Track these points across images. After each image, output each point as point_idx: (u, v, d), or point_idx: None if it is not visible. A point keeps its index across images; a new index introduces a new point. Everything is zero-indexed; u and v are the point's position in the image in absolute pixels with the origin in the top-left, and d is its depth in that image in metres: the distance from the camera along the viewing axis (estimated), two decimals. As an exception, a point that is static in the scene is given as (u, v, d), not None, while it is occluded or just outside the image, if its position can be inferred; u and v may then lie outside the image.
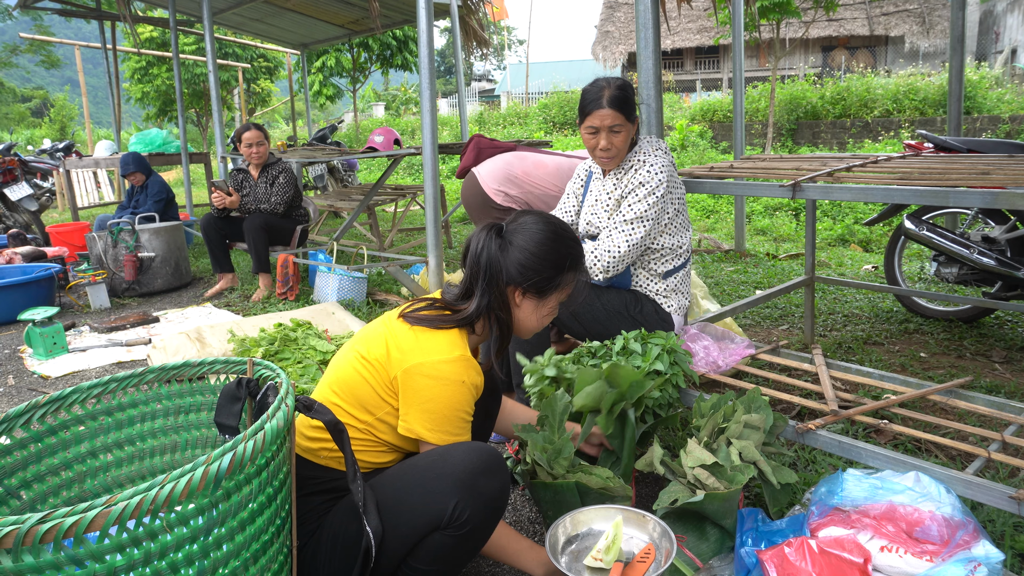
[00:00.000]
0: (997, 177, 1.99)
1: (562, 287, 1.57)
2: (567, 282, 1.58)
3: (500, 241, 1.52)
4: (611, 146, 2.22)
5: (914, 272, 4.32)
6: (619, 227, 2.21)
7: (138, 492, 0.91)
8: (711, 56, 23.86)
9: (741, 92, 5.21)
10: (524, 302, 1.55)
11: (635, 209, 2.19)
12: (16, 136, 22.46)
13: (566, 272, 1.56)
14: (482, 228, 1.55)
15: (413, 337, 1.46)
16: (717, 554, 1.63)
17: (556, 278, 1.55)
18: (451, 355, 1.43)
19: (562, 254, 1.55)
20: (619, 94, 2.19)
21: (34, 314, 3.67)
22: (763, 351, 2.49)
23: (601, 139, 2.22)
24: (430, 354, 1.42)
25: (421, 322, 1.48)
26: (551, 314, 1.62)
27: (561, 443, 1.80)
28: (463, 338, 1.50)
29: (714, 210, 7.96)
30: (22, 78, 31.74)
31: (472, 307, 1.50)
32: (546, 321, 1.62)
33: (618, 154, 2.25)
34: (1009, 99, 11.21)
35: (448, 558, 1.34)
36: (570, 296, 1.63)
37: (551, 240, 1.53)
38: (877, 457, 1.72)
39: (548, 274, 1.53)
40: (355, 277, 4.36)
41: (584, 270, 1.63)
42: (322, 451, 1.46)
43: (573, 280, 1.60)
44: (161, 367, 1.45)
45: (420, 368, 1.41)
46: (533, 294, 1.54)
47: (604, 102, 2.18)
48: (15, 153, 7.29)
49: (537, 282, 1.52)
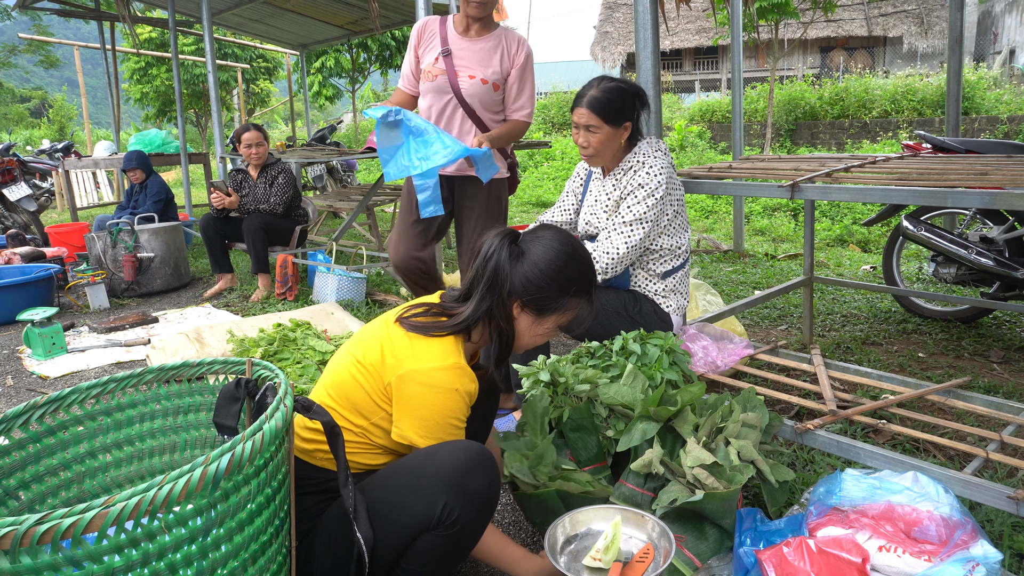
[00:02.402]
0: (995, 178, 1.99)
1: (563, 310, 1.54)
2: (570, 307, 1.55)
3: (512, 250, 1.51)
4: (588, 144, 2.23)
5: (912, 272, 4.32)
6: (618, 228, 2.21)
7: (136, 493, 0.91)
8: (710, 57, 23.87)
9: (740, 93, 5.22)
10: (521, 316, 1.53)
11: (634, 211, 2.19)
12: (15, 136, 22.43)
13: (570, 296, 1.53)
14: (498, 233, 1.54)
15: (408, 343, 1.45)
16: (716, 554, 1.63)
17: (558, 300, 1.52)
18: (445, 363, 1.42)
19: (570, 278, 1.52)
20: (601, 96, 2.19)
21: (33, 314, 3.67)
22: (762, 351, 2.49)
23: (580, 136, 2.25)
24: (424, 361, 1.41)
25: (416, 328, 1.46)
26: (547, 335, 1.59)
27: (543, 447, 1.78)
28: (458, 345, 1.48)
29: (713, 210, 7.96)
30: (21, 78, 31.68)
31: (468, 311, 1.49)
32: (540, 340, 1.59)
33: (597, 153, 2.25)
34: (1007, 100, 11.23)
35: (440, 559, 1.33)
36: (571, 321, 1.60)
37: (563, 261, 1.51)
38: (875, 457, 1.72)
39: (551, 294, 1.50)
40: (354, 277, 4.36)
41: (592, 299, 1.59)
42: (317, 452, 1.46)
43: (576, 306, 1.57)
44: (160, 367, 1.45)
45: (414, 375, 1.40)
46: (532, 310, 1.52)
47: (584, 101, 2.20)
48: (14, 153, 7.29)
49: (538, 299, 1.50)
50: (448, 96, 2.69)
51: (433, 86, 2.69)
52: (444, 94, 2.69)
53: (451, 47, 2.67)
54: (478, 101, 2.69)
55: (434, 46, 2.71)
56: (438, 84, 2.68)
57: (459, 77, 2.66)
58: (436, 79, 2.67)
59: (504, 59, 2.70)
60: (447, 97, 2.69)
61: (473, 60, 2.68)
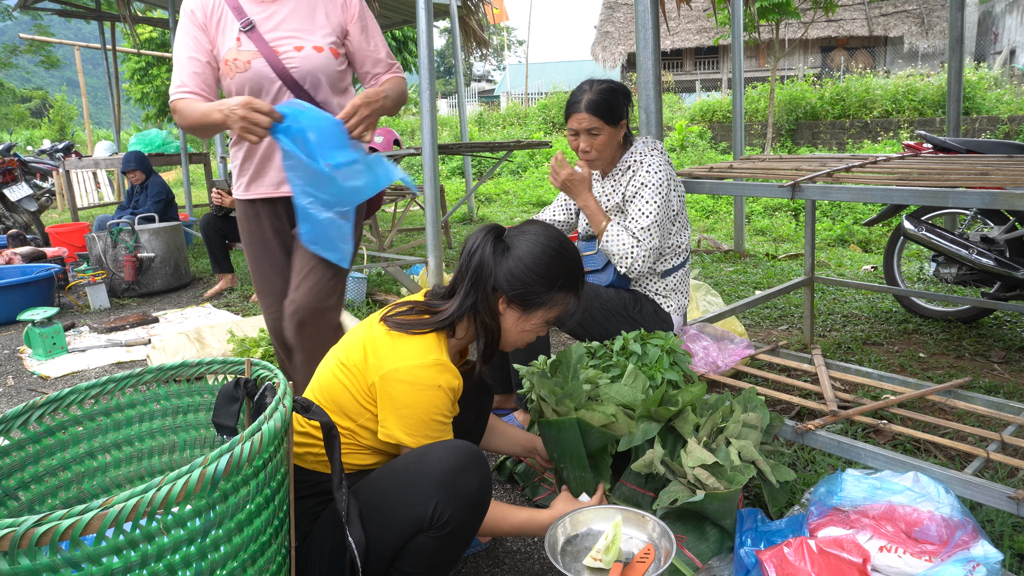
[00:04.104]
0: (996, 178, 1.99)
1: (550, 306, 1.53)
2: (556, 302, 1.53)
3: (498, 245, 1.50)
4: (590, 148, 2.23)
5: (913, 272, 4.32)
6: (640, 232, 2.18)
7: (135, 494, 0.91)
8: (710, 56, 23.87)
9: (740, 92, 5.21)
10: (507, 312, 1.52)
11: (647, 212, 2.18)
12: (16, 136, 22.44)
13: (556, 291, 1.51)
14: (483, 228, 1.53)
15: (390, 342, 1.44)
16: (716, 554, 1.63)
17: (544, 295, 1.50)
18: (426, 359, 1.41)
19: (556, 273, 1.50)
20: (597, 98, 2.18)
21: (34, 314, 3.67)
22: (762, 351, 2.49)
23: (580, 141, 2.23)
24: (405, 359, 1.41)
25: (399, 327, 1.46)
26: (535, 331, 1.57)
27: (572, 388, 1.78)
28: (440, 342, 1.47)
29: (713, 210, 7.96)
30: (22, 78, 31.73)
31: (452, 308, 1.48)
32: (528, 338, 1.57)
33: (599, 156, 2.25)
34: (1008, 100, 11.22)
35: (435, 560, 1.33)
36: (558, 318, 1.58)
37: (549, 256, 1.49)
38: (876, 457, 1.72)
39: (536, 289, 1.49)
40: (354, 277, 4.36)
41: (580, 294, 1.57)
42: (308, 455, 1.46)
43: (564, 302, 1.55)
44: (159, 367, 1.45)
45: (395, 373, 1.39)
46: (517, 306, 1.50)
47: (581, 106, 2.19)
48: (15, 153, 7.29)
49: (523, 294, 1.49)
50: (274, 86, 1.95)
51: (246, 79, 1.93)
52: (265, 85, 1.94)
53: (252, 17, 1.93)
54: (321, 79, 1.98)
55: (228, 25, 1.94)
56: (254, 74, 1.92)
57: (281, 54, 1.93)
58: (249, 67, 1.92)
59: (332, 11, 2.01)
60: (273, 87, 1.95)
61: (291, 25, 1.96)
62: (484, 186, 10.51)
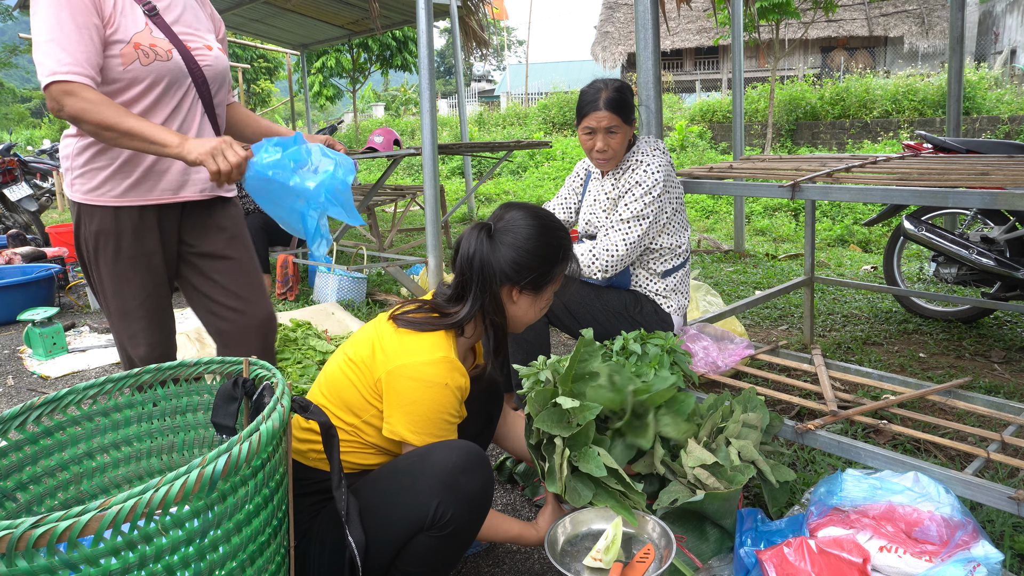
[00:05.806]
0: (996, 178, 1.99)
1: (556, 279, 1.57)
2: (559, 273, 1.57)
3: (491, 242, 1.51)
4: (607, 147, 2.22)
5: (913, 272, 4.31)
6: (616, 226, 2.21)
7: (132, 495, 0.90)
8: (711, 57, 23.87)
9: (740, 93, 5.21)
10: (521, 299, 1.54)
11: (631, 208, 2.19)
12: (16, 136, 22.44)
13: (559, 263, 1.55)
14: (472, 228, 1.54)
15: (398, 339, 1.44)
16: (717, 554, 1.62)
17: (551, 271, 1.54)
18: (434, 356, 1.41)
19: (553, 246, 1.53)
20: (616, 96, 2.19)
21: (34, 314, 3.67)
22: (762, 351, 2.49)
23: (597, 140, 2.22)
24: (413, 356, 1.41)
25: (409, 324, 1.46)
26: (547, 305, 1.61)
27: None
28: (449, 340, 1.47)
29: (713, 210, 7.96)
30: (22, 78, 31.76)
31: (464, 311, 1.49)
32: (542, 312, 1.61)
33: (615, 156, 2.26)
34: (1008, 100, 11.21)
35: (436, 559, 1.33)
36: (562, 286, 1.62)
37: (541, 234, 1.52)
38: (876, 457, 1.71)
39: (543, 269, 1.52)
40: (355, 277, 4.36)
41: (573, 257, 1.61)
42: (311, 452, 1.46)
43: (565, 268, 1.59)
44: (157, 367, 1.44)
45: (403, 370, 1.40)
46: (530, 290, 1.53)
47: (601, 104, 2.19)
48: (15, 153, 7.28)
49: (533, 279, 1.51)
50: (185, 83, 1.70)
51: (167, 71, 1.65)
52: (180, 81, 1.69)
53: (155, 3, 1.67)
54: (223, 83, 1.82)
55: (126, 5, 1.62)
56: (175, 66, 1.67)
57: (193, 51, 1.70)
58: (171, 57, 1.65)
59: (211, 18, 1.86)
60: (184, 84, 1.70)
61: (189, 20, 1.74)
62: (484, 186, 10.51)
